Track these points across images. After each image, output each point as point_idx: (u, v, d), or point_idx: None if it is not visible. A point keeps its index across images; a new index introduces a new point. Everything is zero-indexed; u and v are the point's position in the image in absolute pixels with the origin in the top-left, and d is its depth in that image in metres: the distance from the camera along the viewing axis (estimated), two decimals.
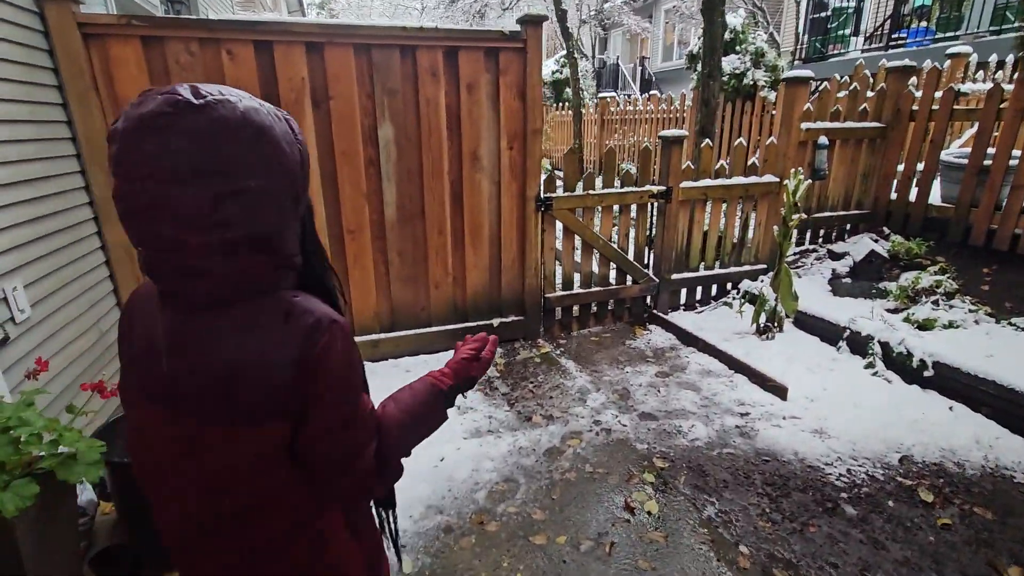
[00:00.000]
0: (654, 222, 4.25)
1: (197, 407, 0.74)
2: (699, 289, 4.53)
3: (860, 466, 2.59)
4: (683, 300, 4.51)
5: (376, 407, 0.88)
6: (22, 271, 2.21)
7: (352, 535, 0.90)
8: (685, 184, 4.09)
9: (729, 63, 6.36)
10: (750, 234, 4.55)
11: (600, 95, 10.08)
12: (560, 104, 11.80)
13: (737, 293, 4.49)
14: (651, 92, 10.00)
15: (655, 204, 4.14)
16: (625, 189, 3.94)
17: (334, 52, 3.05)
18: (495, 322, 3.86)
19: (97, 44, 2.68)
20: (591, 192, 3.84)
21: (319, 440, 0.76)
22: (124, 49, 2.72)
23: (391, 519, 1.06)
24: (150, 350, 0.77)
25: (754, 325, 3.87)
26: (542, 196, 3.71)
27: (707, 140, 4.12)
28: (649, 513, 2.27)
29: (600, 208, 3.97)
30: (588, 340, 4.06)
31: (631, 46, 20.84)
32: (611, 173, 3.93)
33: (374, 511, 1.04)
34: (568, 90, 9.85)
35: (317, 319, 0.75)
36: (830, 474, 2.54)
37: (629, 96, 12.31)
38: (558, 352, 3.85)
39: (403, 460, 0.91)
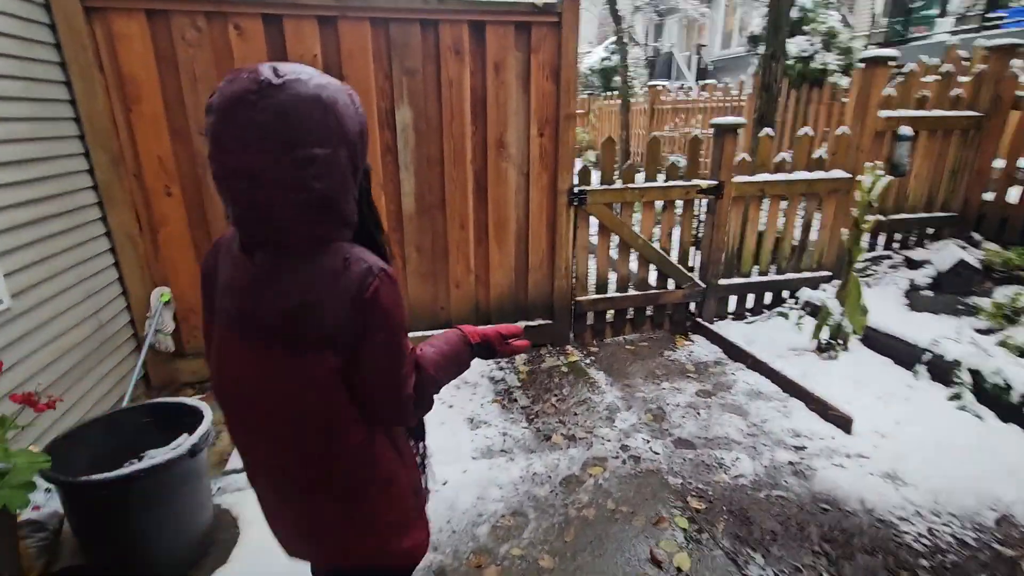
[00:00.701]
0: (702, 220, 3.81)
1: (270, 334, 0.88)
2: (751, 297, 4.06)
3: (945, 525, 2.14)
4: (732, 308, 4.05)
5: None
6: (2, 260, 2.07)
7: (397, 457, 1.03)
8: (739, 179, 3.63)
9: (796, 45, 5.73)
10: (813, 236, 4.03)
11: (652, 83, 9.51)
12: (608, 93, 11.27)
13: (795, 303, 3.99)
14: (706, 81, 9.36)
15: (704, 200, 3.70)
16: (669, 183, 3.53)
17: (349, 27, 2.80)
18: (520, 325, 3.54)
19: (100, 19, 2.53)
20: (631, 186, 3.45)
21: (369, 369, 0.90)
22: (128, 24, 2.56)
23: (421, 449, 1.16)
24: (231, 287, 0.92)
25: (814, 341, 3.39)
26: (576, 189, 3.36)
27: (767, 130, 3.64)
28: (679, 570, 1.92)
29: (641, 204, 3.57)
30: (622, 349, 3.69)
31: (687, 33, 19.88)
32: (654, 165, 3.52)
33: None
34: (617, 78, 9.34)
35: (369, 266, 0.87)
36: (906, 532, 2.10)
37: (682, 85, 11.65)
38: (588, 361, 3.51)
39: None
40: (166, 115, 2.71)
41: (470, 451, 2.54)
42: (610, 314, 3.81)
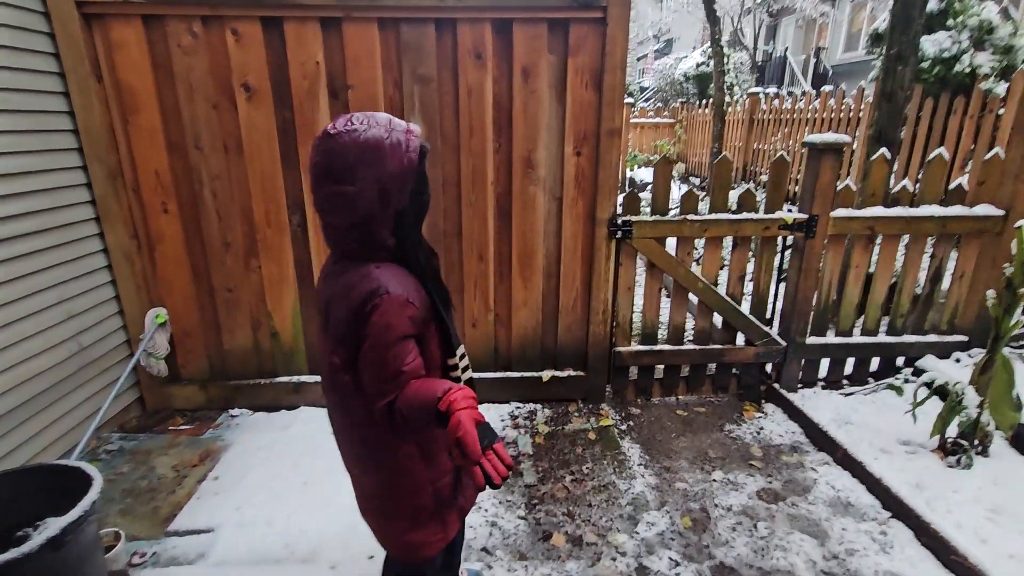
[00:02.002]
0: (787, 262, 3.03)
1: (323, 322, 1.19)
2: (850, 362, 3.19)
3: None
4: (823, 374, 3.20)
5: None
6: None
7: (420, 455, 1.22)
8: (841, 213, 2.82)
9: (935, 43, 4.61)
10: (944, 287, 3.09)
11: (752, 91, 8.46)
12: (702, 101, 10.28)
13: (913, 374, 3.07)
14: (824, 88, 8.15)
15: (789, 238, 2.93)
16: (743, 216, 2.81)
17: (354, 29, 2.45)
18: (546, 375, 3.01)
19: (99, 26, 2.39)
20: (690, 217, 2.78)
21: (361, 370, 1.10)
22: (125, 31, 2.40)
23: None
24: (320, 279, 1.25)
25: (936, 437, 2.51)
26: (619, 219, 2.76)
27: (883, 150, 2.79)
28: None
29: (704, 240, 2.89)
30: (671, 415, 3.01)
31: (805, 35, 17.99)
32: (723, 192, 2.82)
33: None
34: (713, 86, 8.41)
35: (376, 288, 1.06)
36: None
37: (790, 93, 10.35)
38: (623, 428, 2.88)
39: None
40: (163, 128, 2.53)
41: None
42: (659, 369, 3.14)
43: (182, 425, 2.81)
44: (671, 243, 2.89)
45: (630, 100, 12.73)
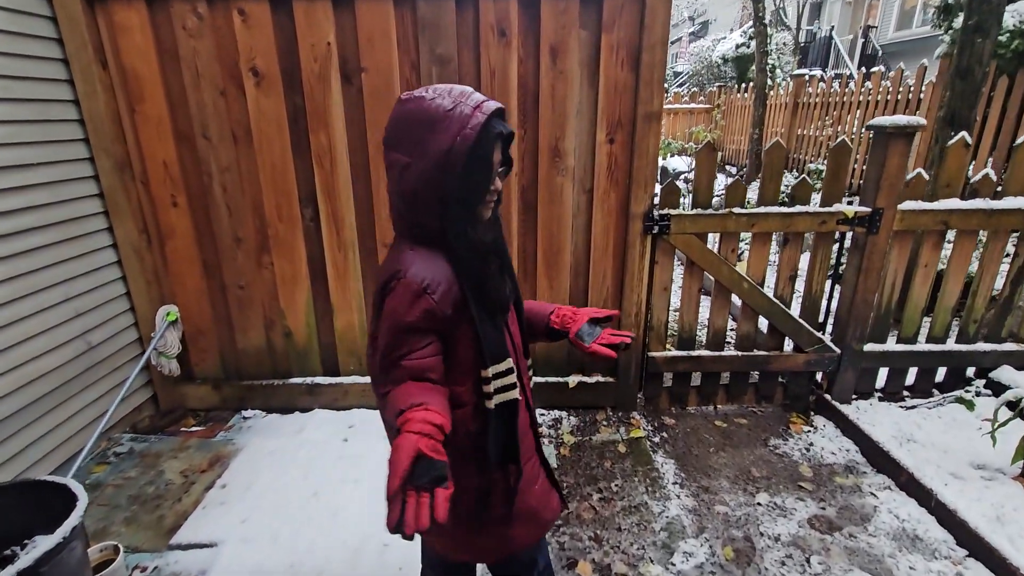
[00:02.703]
0: (844, 261, 2.73)
1: None
2: (913, 372, 2.87)
3: None
4: (880, 384, 2.90)
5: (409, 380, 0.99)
6: None
7: (468, 460, 1.09)
8: (909, 205, 2.50)
9: (1014, 13, 4.12)
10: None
11: (796, 72, 7.91)
12: (741, 85, 9.75)
13: (985, 387, 2.74)
14: (874, 69, 7.59)
15: (849, 234, 2.62)
16: (796, 209, 2.52)
17: (368, 7, 2.26)
18: (572, 381, 2.80)
19: (102, 9, 2.26)
20: (736, 211, 2.51)
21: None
22: (128, 13, 2.26)
23: (511, 472, 1.14)
24: None
25: (1020, 463, 2.20)
26: (656, 213, 2.51)
27: (963, 134, 2.45)
28: None
29: (751, 235, 2.61)
30: (708, 426, 2.77)
31: (852, 13, 17.00)
32: (774, 182, 2.54)
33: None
34: (754, 68, 7.92)
35: (399, 269, 0.99)
36: None
37: (838, 75, 9.72)
38: (656, 440, 2.65)
39: None
40: (170, 116, 2.40)
41: None
42: (696, 376, 2.89)
43: (194, 426, 2.72)
44: (712, 239, 2.63)
45: (665, 85, 12.23)
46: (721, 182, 7.47)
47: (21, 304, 2.11)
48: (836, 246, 2.71)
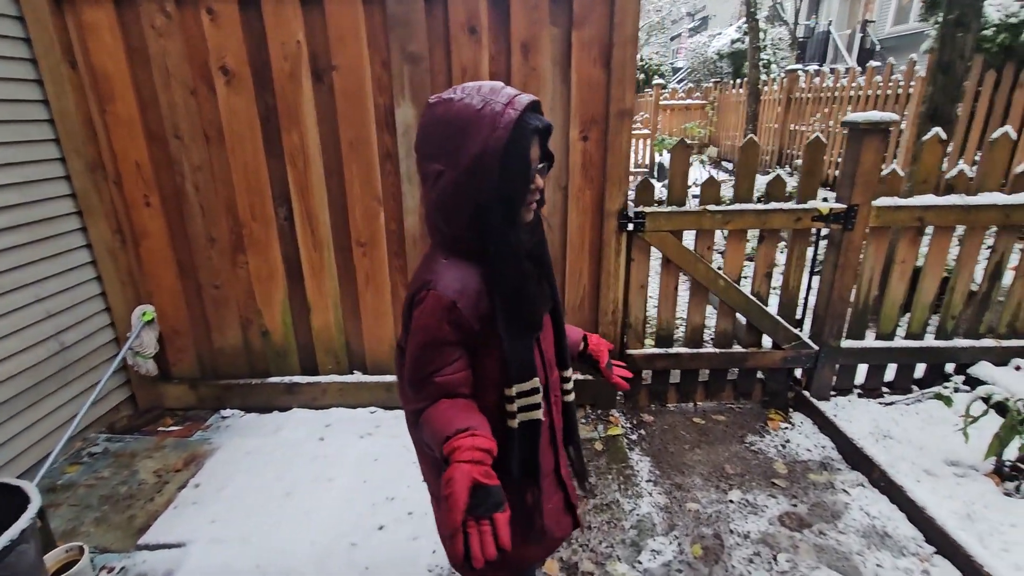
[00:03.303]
0: (822, 258, 2.72)
1: None
2: (891, 367, 2.86)
3: None
4: (860, 381, 2.89)
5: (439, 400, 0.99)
6: None
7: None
8: (884, 201, 2.50)
9: (1000, 6, 4.09)
10: (1004, 285, 2.73)
11: (790, 68, 7.88)
12: (736, 81, 9.71)
13: (964, 383, 2.73)
14: (870, 64, 7.55)
15: (824, 231, 2.61)
16: (772, 206, 2.51)
17: (337, 5, 2.25)
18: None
19: (70, 8, 2.25)
20: (710, 208, 2.50)
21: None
22: (96, 13, 2.25)
23: (535, 491, 1.11)
24: None
25: (992, 459, 2.20)
26: (631, 211, 2.51)
27: (936, 130, 2.44)
28: None
29: (726, 232, 2.60)
30: (687, 423, 2.76)
31: (851, 7, 16.90)
32: (748, 179, 2.53)
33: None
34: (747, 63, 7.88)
35: (428, 281, 0.97)
36: None
37: (833, 69, 9.67)
38: (633, 438, 2.65)
39: None
40: (141, 116, 2.40)
41: (424, 570, 1.88)
42: (676, 373, 2.89)
43: (171, 426, 2.73)
44: (689, 237, 2.62)
45: (661, 81, 12.18)
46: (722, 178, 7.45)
47: None
48: (814, 243, 2.70)
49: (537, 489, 1.09)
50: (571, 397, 1.21)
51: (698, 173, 7.66)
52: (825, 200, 2.54)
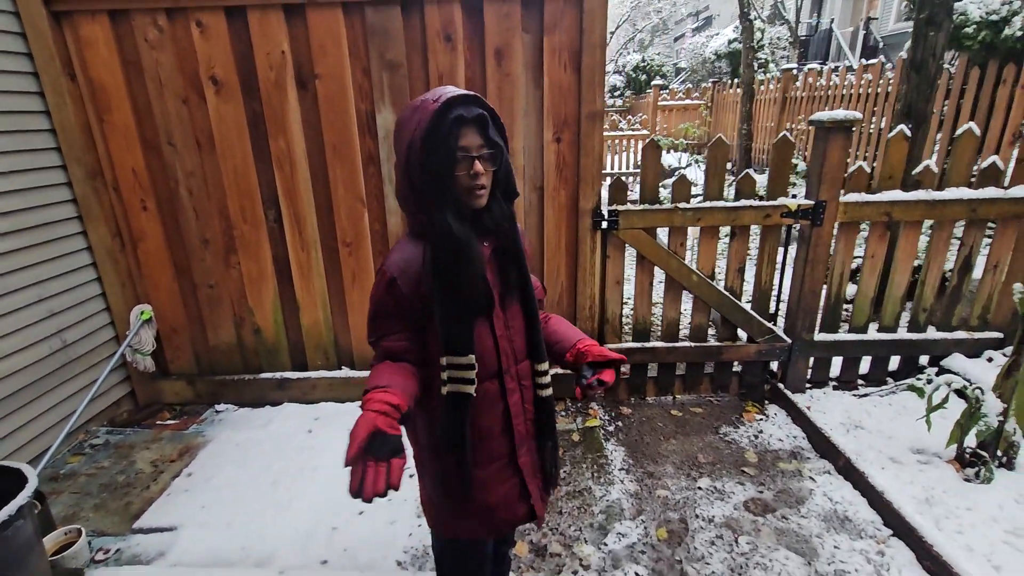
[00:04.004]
0: (794, 253, 2.79)
1: None
2: (866, 360, 2.92)
3: None
4: (835, 373, 2.96)
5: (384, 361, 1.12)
6: None
7: (429, 435, 1.21)
8: (852, 198, 2.57)
9: (981, 4, 4.13)
10: (974, 278, 2.79)
11: (785, 67, 7.92)
12: (733, 81, 9.76)
13: (938, 375, 2.78)
14: (872, 61, 7.58)
15: (794, 227, 2.69)
16: (741, 203, 2.59)
17: (318, 15, 2.36)
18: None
19: (68, 23, 2.39)
20: (681, 206, 2.58)
21: None
22: (93, 28, 2.39)
23: (463, 466, 1.16)
24: None
25: (954, 447, 2.26)
26: (604, 209, 2.60)
27: (900, 127, 2.50)
28: None
29: (698, 230, 2.68)
30: (664, 416, 2.85)
31: (854, 5, 16.85)
32: (717, 178, 2.61)
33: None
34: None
35: (385, 259, 1.11)
36: None
37: (835, 68, 9.68)
38: (610, 429, 2.73)
39: None
40: (137, 125, 2.53)
41: (400, 552, 1.98)
42: (654, 367, 2.97)
43: (169, 420, 2.85)
44: (663, 234, 2.71)
45: (660, 82, 12.23)
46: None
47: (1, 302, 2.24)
48: (786, 238, 2.77)
49: (463, 458, 1.13)
50: (548, 392, 1.22)
51: (694, 174, 7.72)
52: (794, 197, 2.61)
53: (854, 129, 2.48)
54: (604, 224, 2.61)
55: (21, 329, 2.34)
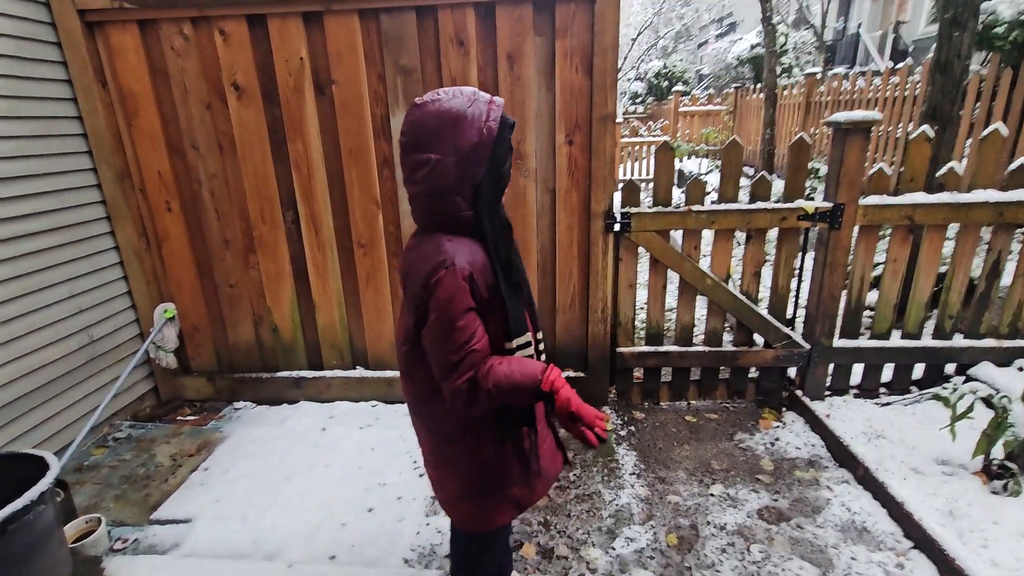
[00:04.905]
0: (812, 257, 2.74)
1: (403, 291, 1.22)
2: (889, 368, 2.84)
3: None
4: (856, 381, 2.87)
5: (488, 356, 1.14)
6: None
7: (491, 431, 1.24)
8: (872, 200, 2.51)
9: (1013, 3, 4.00)
10: (1004, 284, 2.69)
11: (809, 71, 7.78)
12: (756, 86, 9.63)
13: (964, 384, 2.69)
14: (888, 65, 7.41)
15: (812, 230, 2.64)
16: (756, 205, 2.56)
17: (335, 22, 2.43)
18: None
19: (100, 33, 2.50)
20: (695, 208, 2.56)
21: (426, 340, 1.14)
22: (123, 37, 2.49)
23: (529, 435, 1.29)
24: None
25: (980, 458, 2.18)
26: (617, 211, 2.59)
27: (923, 128, 2.44)
28: None
29: (713, 232, 2.65)
30: (678, 421, 2.80)
31: (882, 8, 16.49)
32: (733, 181, 2.58)
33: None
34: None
35: (442, 260, 1.08)
36: None
37: (862, 72, 9.49)
38: (622, 434, 2.71)
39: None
40: (163, 130, 2.62)
41: (407, 549, 1.99)
42: (668, 372, 2.94)
43: (189, 415, 2.93)
44: (676, 237, 2.68)
45: (681, 88, 12.15)
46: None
47: (28, 299, 2.34)
48: (803, 242, 2.72)
49: (534, 432, 1.28)
50: (542, 358, 1.35)
51: (716, 181, 7.62)
52: (811, 199, 2.56)
53: (879, 132, 2.42)
54: (616, 226, 2.60)
55: (52, 324, 2.44)
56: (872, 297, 3.27)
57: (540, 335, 1.33)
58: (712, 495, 2.26)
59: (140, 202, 2.75)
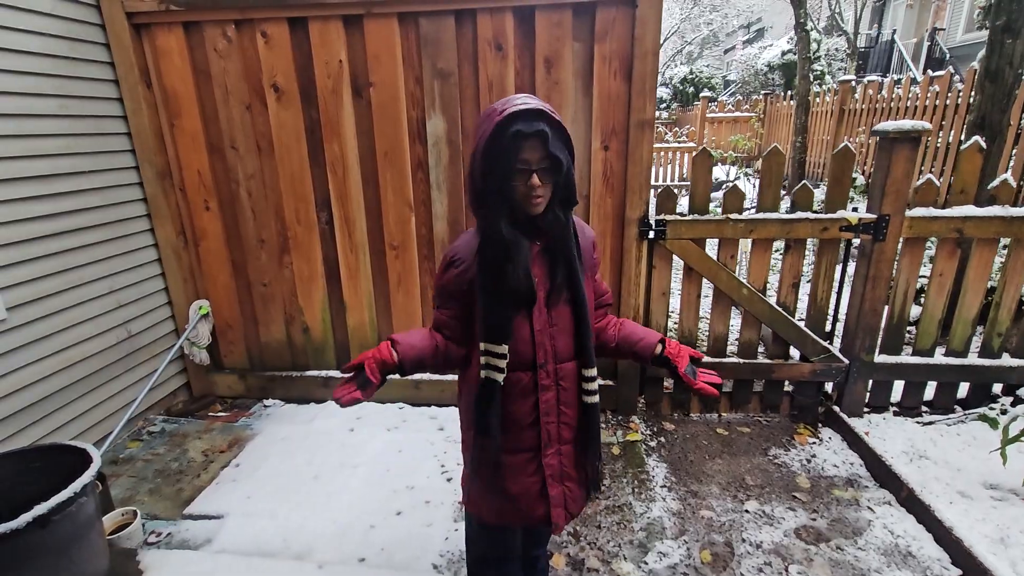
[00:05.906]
0: (854, 269, 2.66)
1: None
2: (931, 386, 2.74)
3: None
4: (896, 398, 2.78)
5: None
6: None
7: (467, 417, 1.34)
8: (919, 212, 2.43)
9: None
10: None
11: (843, 79, 7.61)
12: (787, 93, 9.46)
13: (1013, 404, 2.58)
14: (927, 73, 7.21)
15: (855, 242, 2.56)
16: (796, 215, 2.49)
17: (375, 25, 2.44)
18: None
19: (147, 34, 2.56)
20: (733, 217, 2.51)
21: None
22: (168, 39, 2.55)
23: (480, 441, 1.26)
24: None
25: None
26: (652, 218, 2.55)
27: (975, 138, 2.35)
28: None
29: (750, 242, 2.60)
30: (709, 434, 2.75)
31: (918, 15, 16.11)
32: (772, 189, 2.52)
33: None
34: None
35: (452, 242, 1.39)
36: None
37: (898, 80, 9.27)
38: (652, 445, 2.66)
39: None
40: (204, 130, 2.67)
41: (436, 555, 1.97)
42: None
43: (220, 412, 2.97)
44: (712, 246, 2.63)
45: (708, 94, 12.02)
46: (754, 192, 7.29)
47: (69, 294, 2.39)
48: (844, 253, 2.64)
49: (488, 442, 1.22)
50: (593, 399, 1.25)
51: (744, 187, 7.50)
52: (855, 210, 2.49)
53: (916, 143, 2.34)
54: (651, 234, 2.56)
55: (93, 318, 2.49)
56: (914, 312, 3.17)
57: (593, 372, 1.24)
58: (747, 511, 2.20)
59: (179, 201, 2.80)
